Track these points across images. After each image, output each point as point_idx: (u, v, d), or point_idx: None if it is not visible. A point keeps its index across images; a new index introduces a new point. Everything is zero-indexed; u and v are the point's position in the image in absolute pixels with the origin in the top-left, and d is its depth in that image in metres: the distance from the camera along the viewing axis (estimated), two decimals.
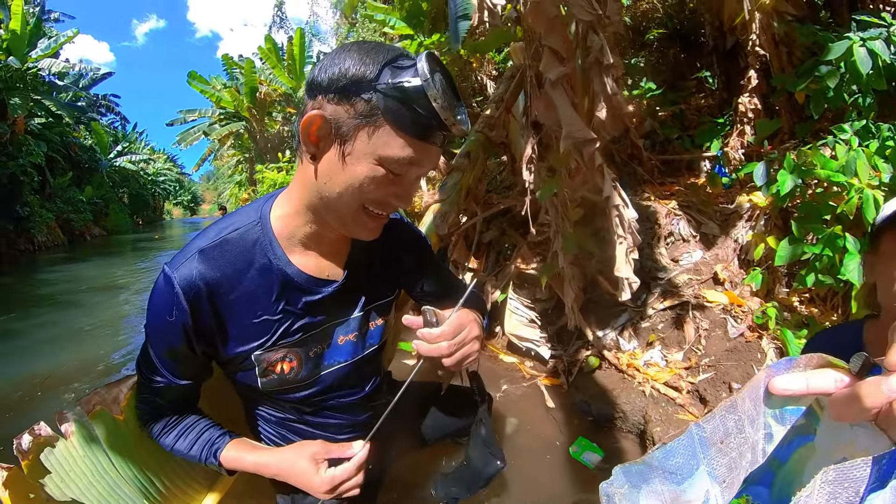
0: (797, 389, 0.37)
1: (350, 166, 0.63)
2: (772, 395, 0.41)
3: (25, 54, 12.18)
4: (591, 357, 2.24)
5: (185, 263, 0.71)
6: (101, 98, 23.25)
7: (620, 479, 0.50)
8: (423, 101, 0.58)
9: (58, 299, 6.29)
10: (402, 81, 0.58)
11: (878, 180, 1.83)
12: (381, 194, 0.66)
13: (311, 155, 0.66)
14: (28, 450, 0.85)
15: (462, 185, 2.70)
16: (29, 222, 12.76)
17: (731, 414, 0.44)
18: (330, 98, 0.61)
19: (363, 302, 0.86)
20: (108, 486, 0.93)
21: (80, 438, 0.91)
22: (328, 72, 0.61)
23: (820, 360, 0.38)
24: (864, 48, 2.18)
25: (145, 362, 0.80)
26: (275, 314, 0.76)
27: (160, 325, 0.73)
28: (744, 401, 0.43)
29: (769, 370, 0.41)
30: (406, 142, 0.61)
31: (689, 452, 0.45)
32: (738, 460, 0.44)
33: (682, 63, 4.86)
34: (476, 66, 5.66)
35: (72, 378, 3.04)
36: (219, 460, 0.84)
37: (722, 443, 0.44)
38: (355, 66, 0.59)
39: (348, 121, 0.61)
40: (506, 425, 2.02)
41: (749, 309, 2.18)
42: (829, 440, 0.38)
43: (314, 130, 0.63)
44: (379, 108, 0.59)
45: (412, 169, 0.65)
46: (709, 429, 0.45)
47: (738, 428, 0.43)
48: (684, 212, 2.69)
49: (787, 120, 2.88)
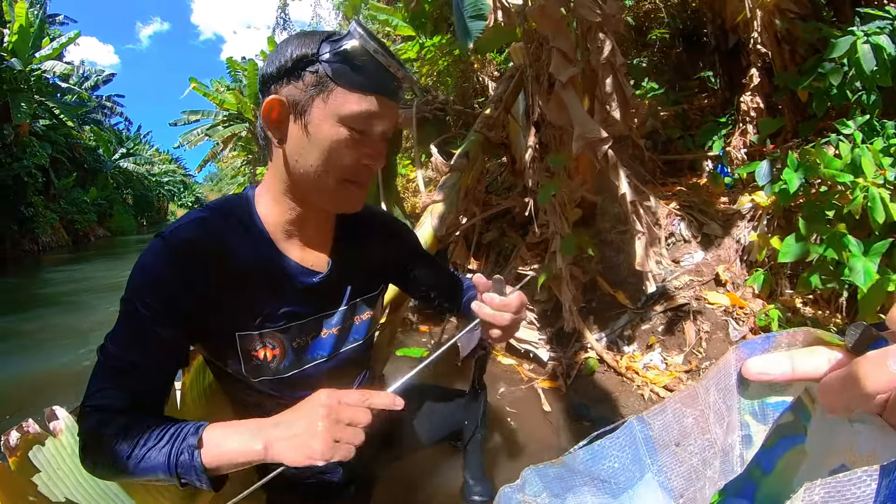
0: (780, 374, 0.29)
1: (314, 135, 0.67)
2: (748, 384, 0.32)
3: (29, 56, 12.28)
4: (590, 359, 2.22)
5: (179, 230, 0.71)
6: (106, 99, 23.44)
7: (534, 483, 0.39)
8: (364, 57, 0.64)
9: (61, 299, 6.32)
10: (341, 46, 0.64)
11: (883, 178, 1.80)
12: (352, 158, 0.70)
13: (277, 139, 0.70)
14: (16, 446, 0.84)
15: (461, 185, 2.68)
16: (33, 223, 12.85)
17: (688, 407, 0.34)
18: (282, 83, 0.67)
19: (349, 295, 0.85)
20: (97, 484, 0.93)
21: (70, 436, 0.91)
22: (275, 63, 0.67)
23: (807, 335, 0.30)
24: (869, 44, 2.15)
25: (115, 340, 0.69)
26: (261, 295, 0.75)
27: (147, 291, 0.69)
28: (707, 391, 0.33)
29: (739, 351, 0.32)
30: (359, 96, 0.66)
31: (630, 455, 0.36)
32: (700, 469, 0.34)
33: (685, 63, 4.84)
34: (477, 67, 5.66)
35: (74, 377, 3.05)
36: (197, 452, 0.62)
37: (678, 445, 0.34)
38: (297, 49, 0.66)
39: (302, 95, 0.66)
40: (503, 428, 2.00)
41: (751, 311, 2.15)
42: (824, 442, 0.30)
43: (274, 115, 0.68)
44: (328, 75, 0.65)
45: (373, 123, 0.68)
46: (657, 426, 0.35)
47: (699, 427, 0.34)
48: (686, 212, 2.66)
49: (790, 118, 2.85)
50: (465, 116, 4.87)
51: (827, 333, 0.29)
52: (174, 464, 0.61)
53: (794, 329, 0.31)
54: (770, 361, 0.30)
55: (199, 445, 0.62)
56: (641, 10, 5.44)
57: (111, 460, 0.64)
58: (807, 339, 0.30)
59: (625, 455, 0.36)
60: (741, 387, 0.33)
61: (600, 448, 0.37)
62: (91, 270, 9.39)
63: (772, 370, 0.30)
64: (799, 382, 0.30)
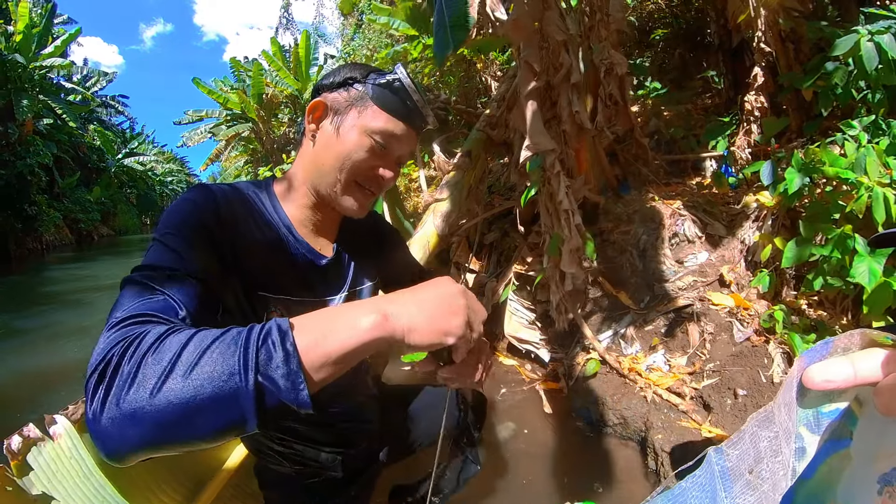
0: (843, 379, 0.28)
1: (342, 136, 0.78)
2: (807, 393, 0.31)
3: (34, 55, 12.34)
4: (592, 361, 2.20)
5: (214, 184, 0.78)
6: (110, 99, 23.52)
7: None
8: (401, 92, 0.78)
9: (65, 298, 6.35)
10: (385, 78, 0.79)
11: (888, 178, 1.78)
12: (367, 164, 0.79)
13: (311, 134, 0.81)
14: (18, 451, 0.86)
15: (464, 183, 2.67)
16: (37, 222, 12.92)
17: (765, 430, 0.32)
18: (330, 91, 0.80)
19: (350, 282, 0.91)
20: (94, 487, 0.94)
21: (68, 440, 0.93)
22: (330, 77, 0.82)
23: (863, 337, 0.29)
24: (872, 43, 2.13)
25: (145, 262, 0.59)
26: (277, 264, 0.80)
27: (185, 222, 0.66)
28: (780, 409, 0.32)
29: (802, 359, 0.31)
30: (388, 117, 0.78)
31: (707, 496, 0.34)
32: (770, 494, 0.32)
33: (688, 62, 4.82)
34: (481, 67, 5.65)
35: (77, 375, 3.07)
36: (290, 333, 0.44)
37: (751, 472, 0.33)
38: (350, 72, 0.80)
39: (343, 104, 0.79)
40: (503, 430, 1.99)
41: (756, 312, 2.13)
42: (871, 444, 0.29)
43: (318, 115, 0.80)
44: (368, 94, 0.78)
45: (394, 143, 0.80)
46: (734, 456, 0.33)
47: (772, 450, 0.32)
48: (690, 212, 2.64)
49: (795, 118, 2.83)
50: (468, 116, 4.86)
51: (881, 334, 0.28)
52: (253, 359, 0.41)
53: (849, 332, 0.30)
54: (832, 368, 0.29)
55: (291, 326, 0.45)
56: (645, 10, 5.42)
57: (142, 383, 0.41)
58: (863, 342, 0.29)
59: (704, 494, 0.34)
60: (800, 396, 0.32)
61: (681, 492, 0.35)
62: (95, 269, 9.43)
63: (835, 377, 0.29)
64: (854, 388, 0.29)
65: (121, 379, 0.41)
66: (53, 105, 13.44)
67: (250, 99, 15.02)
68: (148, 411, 0.40)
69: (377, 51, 8.41)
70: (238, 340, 0.43)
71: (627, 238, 2.61)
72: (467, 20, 2.68)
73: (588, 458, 1.79)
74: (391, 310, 0.49)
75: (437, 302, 0.52)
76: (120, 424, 0.40)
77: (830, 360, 0.29)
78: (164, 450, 0.42)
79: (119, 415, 0.40)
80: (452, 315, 0.52)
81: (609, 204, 2.81)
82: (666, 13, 5.17)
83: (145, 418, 0.40)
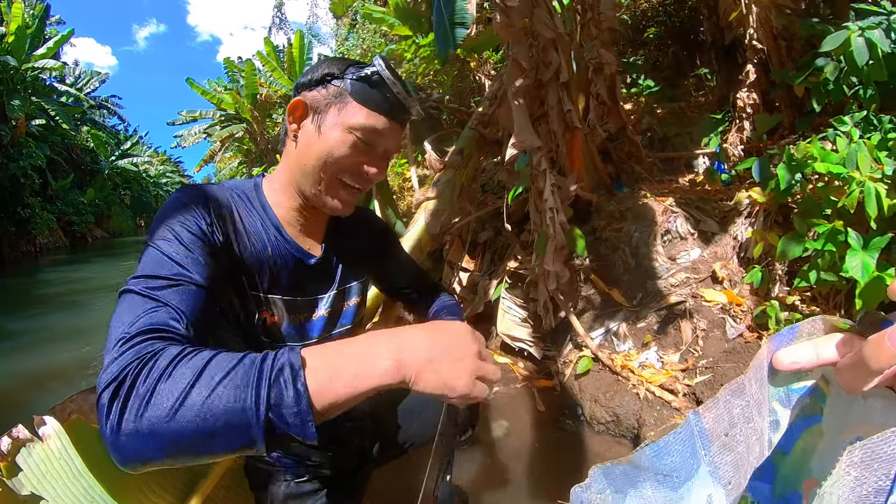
0: (807, 361, 0.32)
1: (324, 135, 0.77)
2: (777, 373, 0.35)
3: (26, 55, 12.24)
4: (585, 358, 2.20)
5: (201, 184, 0.78)
6: (103, 100, 23.37)
7: (600, 481, 0.43)
8: (381, 84, 0.76)
9: (58, 300, 6.32)
10: (363, 71, 0.76)
11: (880, 173, 1.79)
12: (351, 161, 0.78)
13: (293, 134, 0.80)
14: (7, 452, 0.86)
15: (456, 182, 2.67)
16: (30, 224, 12.83)
17: (737, 398, 0.37)
18: (309, 90, 0.78)
19: (339, 279, 0.92)
20: (84, 488, 0.93)
21: (57, 441, 0.92)
22: (308, 75, 0.80)
23: (825, 323, 0.33)
24: (862, 38, 2.14)
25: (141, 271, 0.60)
26: (266, 262, 0.80)
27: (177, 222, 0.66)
28: (751, 383, 0.36)
29: (771, 343, 0.35)
30: (369, 112, 0.76)
31: (688, 450, 0.38)
32: (745, 456, 0.37)
33: (681, 60, 4.84)
34: (474, 66, 5.64)
35: (71, 375, 3.06)
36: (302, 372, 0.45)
37: (727, 435, 0.37)
38: (327, 68, 0.78)
39: (322, 101, 0.77)
40: (497, 428, 1.99)
41: (748, 308, 2.14)
42: (839, 419, 0.32)
43: (298, 114, 0.78)
44: (347, 90, 0.76)
45: (378, 139, 0.78)
46: (711, 418, 0.37)
47: (745, 416, 0.37)
48: (682, 209, 2.65)
49: (787, 115, 2.84)
50: (460, 114, 4.86)
51: (841, 320, 0.32)
52: (265, 397, 0.42)
53: (812, 318, 0.34)
54: (798, 351, 0.33)
55: (303, 364, 0.45)
56: (638, 9, 5.43)
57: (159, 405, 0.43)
58: (826, 327, 0.33)
59: (685, 448, 0.38)
60: (770, 376, 0.36)
61: (665, 444, 0.39)
62: (89, 271, 9.38)
63: (801, 359, 0.32)
64: (819, 368, 0.33)
65: (136, 399, 0.44)
66: (46, 106, 13.34)
67: (244, 99, 14.97)
68: (164, 431, 0.43)
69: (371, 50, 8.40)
70: (251, 374, 0.44)
71: (620, 235, 2.61)
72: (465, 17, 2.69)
73: (581, 455, 1.79)
74: (405, 357, 0.49)
75: (445, 358, 0.51)
76: (136, 440, 0.43)
77: (796, 345, 0.33)
78: (180, 462, 0.45)
79: (136, 431, 0.43)
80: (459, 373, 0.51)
81: (602, 202, 2.81)
82: (659, 11, 5.18)
83: (163, 436, 0.43)
